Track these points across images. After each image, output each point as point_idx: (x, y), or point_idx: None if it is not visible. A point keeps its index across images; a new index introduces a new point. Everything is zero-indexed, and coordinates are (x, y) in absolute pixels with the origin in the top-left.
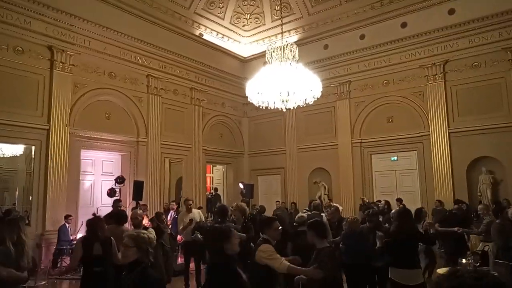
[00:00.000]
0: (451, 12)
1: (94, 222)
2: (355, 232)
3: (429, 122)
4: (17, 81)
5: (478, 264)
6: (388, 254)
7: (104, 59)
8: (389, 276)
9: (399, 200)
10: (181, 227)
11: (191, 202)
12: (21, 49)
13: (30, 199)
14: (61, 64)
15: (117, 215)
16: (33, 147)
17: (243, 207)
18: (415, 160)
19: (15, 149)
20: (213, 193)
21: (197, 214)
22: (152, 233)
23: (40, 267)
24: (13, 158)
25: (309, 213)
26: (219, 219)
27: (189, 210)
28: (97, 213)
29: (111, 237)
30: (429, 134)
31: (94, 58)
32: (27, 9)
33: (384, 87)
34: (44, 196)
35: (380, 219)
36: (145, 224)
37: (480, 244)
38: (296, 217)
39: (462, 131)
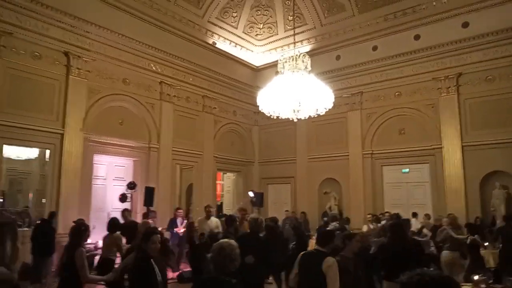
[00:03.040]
0: (465, 25)
1: (79, 230)
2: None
3: (442, 135)
4: (33, 85)
5: (491, 281)
6: (382, 267)
7: (119, 66)
8: None
9: (414, 215)
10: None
11: (211, 209)
12: (38, 54)
13: (43, 201)
14: (77, 70)
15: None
16: (48, 151)
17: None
18: (427, 172)
19: (30, 152)
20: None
21: (214, 222)
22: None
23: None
24: (28, 161)
25: (337, 224)
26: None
27: (208, 217)
28: (108, 217)
29: (83, 249)
30: (442, 147)
31: (109, 65)
32: (45, 15)
33: (396, 98)
34: (57, 199)
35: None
36: None
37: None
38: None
39: (475, 144)
